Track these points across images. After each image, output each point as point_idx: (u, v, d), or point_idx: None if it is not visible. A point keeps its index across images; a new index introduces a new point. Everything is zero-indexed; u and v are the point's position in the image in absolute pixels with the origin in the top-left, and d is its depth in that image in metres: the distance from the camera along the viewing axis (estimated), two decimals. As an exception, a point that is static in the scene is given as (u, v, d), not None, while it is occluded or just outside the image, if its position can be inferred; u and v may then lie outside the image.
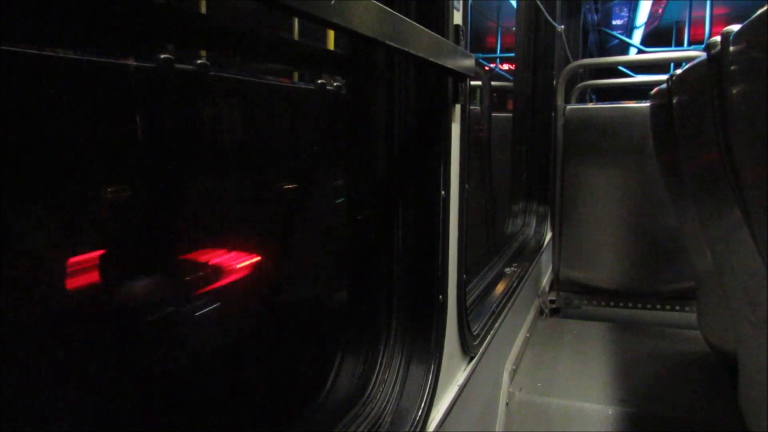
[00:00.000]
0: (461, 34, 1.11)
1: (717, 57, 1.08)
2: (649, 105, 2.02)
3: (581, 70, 5.39)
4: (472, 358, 1.38)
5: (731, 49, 0.94)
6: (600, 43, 10.66)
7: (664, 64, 4.92)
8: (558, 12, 3.38)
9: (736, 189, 1.06)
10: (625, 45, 10.85)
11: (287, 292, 1.85)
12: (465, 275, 1.30)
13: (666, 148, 1.90)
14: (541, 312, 2.92)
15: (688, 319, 2.81)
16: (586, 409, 1.88)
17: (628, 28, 11.62)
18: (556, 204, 3.07)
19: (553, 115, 3.04)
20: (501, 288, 1.95)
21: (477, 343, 1.42)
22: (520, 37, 2.98)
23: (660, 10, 10.70)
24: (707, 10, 9.96)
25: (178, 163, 1.42)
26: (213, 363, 1.49)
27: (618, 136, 2.89)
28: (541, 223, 3.05)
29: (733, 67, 0.94)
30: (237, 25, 1.28)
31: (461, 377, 1.30)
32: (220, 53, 1.50)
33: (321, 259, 1.97)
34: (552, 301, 3.07)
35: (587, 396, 1.95)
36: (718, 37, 1.04)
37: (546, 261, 3.10)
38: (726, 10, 9.90)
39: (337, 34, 1.77)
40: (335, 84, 2.01)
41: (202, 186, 1.51)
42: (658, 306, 2.99)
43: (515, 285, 2.10)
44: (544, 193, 3.10)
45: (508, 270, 2.24)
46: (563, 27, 3.38)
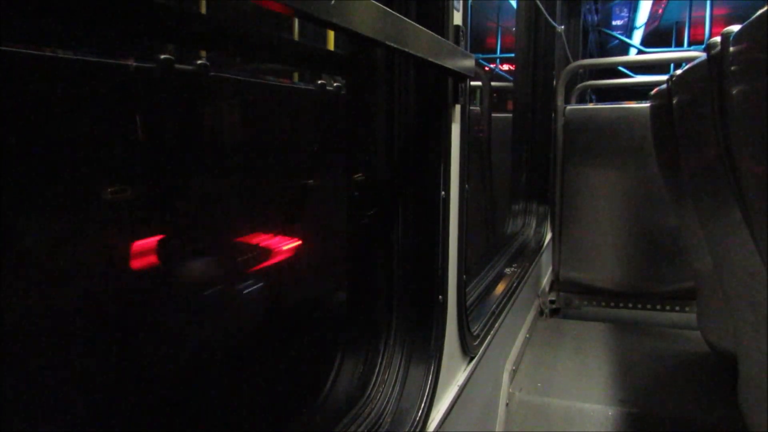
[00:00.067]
0: (461, 35, 1.11)
1: (717, 57, 1.07)
2: (649, 105, 2.02)
3: (581, 71, 5.38)
4: (472, 359, 1.38)
5: (731, 49, 0.94)
6: (600, 44, 10.67)
7: (664, 65, 4.91)
8: (558, 12, 3.38)
9: (736, 189, 1.06)
10: (625, 45, 10.86)
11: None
12: (465, 275, 1.30)
13: (666, 148, 1.90)
14: (541, 312, 2.92)
15: (688, 319, 2.81)
16: (586, 410, 1.88)
17: (628, 28, 11.63)
18: (556, 204, 3.07)
19: (553, 115, 3.04)
20: (501, 288, 1.95)
21: (477, 343, 1.42)
22: (520, 37, 2.98)
23: (660, 11, 10.71)
24: (707, 11, 9.98)
25: (220, 161, 1.58)
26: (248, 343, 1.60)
27: (618, 136, 2.89)
28: (541, 224, 3.05)
29: (733, 68, 0.94)
30: (237, 25, 1.28)
31: (461, 377, 1.30)
32: (220, 53, 1.50)
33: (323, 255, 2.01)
34: (552, 302, 3.07)
35: (587, 396, 1.95)
36: (718, 38, 1.04)
37: (546, 261, 3.10)
38: (726, 11, 9.91)
39: (337, 34, 1.77)
40: (335, 84, 2.01)
41: (217, 182, 1.64)
42: (658, 306, 2.99)
43: (515, 285, 2.10)
44: (544, 193, 3.10)
45: (508, 270, 2.24)
46: (563, 27, 3.38)
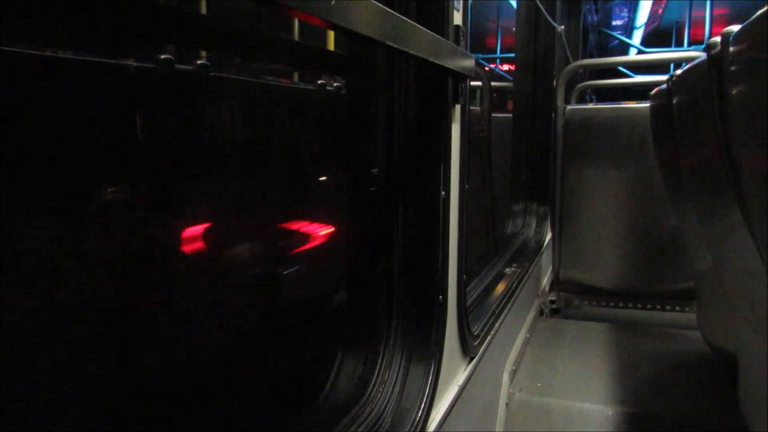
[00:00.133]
0: (461, 35, 1.11)
1: (717, 57, 1.07)
2: (649, 105, 2.02)
3: (581, 71, 5.38)
4: (472, 359, 1.38)
5: (731, 49, 0.94)
6: (600, 44, 10.68)
7: (664, 65, 4.91)
8: (558, 12, 3.38)
9: (735, 189, 1.06)
10: (625, 45, 10.88)
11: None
12: (465, 275, 1.30)
13: (666, 149, 1.90)
14: (541, 312, 2.92)
15: (688, 319, 2.80)
16: (586, 410, 1.88)
17: (628, 28, 11.64)
18: (556, 204, 3.07)
19: (553, 115, 3.04)
20: (501, 288, 1.95)
21: (477, 343, 1.42)
22: (520, 37, 2.98)
23: (660, 11, 10.71)
24: (707, 11, 9.98)
25: (220, 161, 1.67)
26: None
27: (618, 136, 2.89)
28: (541, 224, 3.05)
29: (733, 68, 0.94)
30: (237, 26, 1.28)
31: (461, 377, 1.30)
32: (220, 53, 1.50)
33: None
34: (552, 302, 3.07)
35: (587, 396, 1.95)
36: (718, 38, 1.04)
37: (546, 261, 3.10)
38: (726, 11, 9.92)
39: (337, 34, 1.77)
40: (335, 84, 2.01)
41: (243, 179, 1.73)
42: (658, 306, 2.99)
43: (515, 285, 2.10)
44: (544, 193, 3.10)
45: (508, 270, 2.24)
46: (563, 27, 3.37)
